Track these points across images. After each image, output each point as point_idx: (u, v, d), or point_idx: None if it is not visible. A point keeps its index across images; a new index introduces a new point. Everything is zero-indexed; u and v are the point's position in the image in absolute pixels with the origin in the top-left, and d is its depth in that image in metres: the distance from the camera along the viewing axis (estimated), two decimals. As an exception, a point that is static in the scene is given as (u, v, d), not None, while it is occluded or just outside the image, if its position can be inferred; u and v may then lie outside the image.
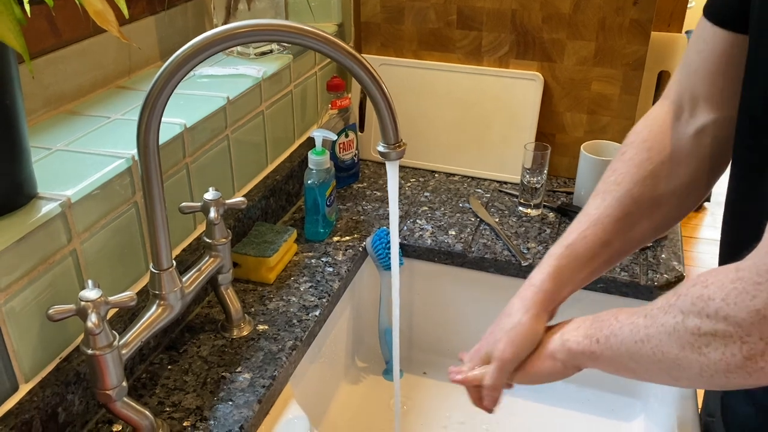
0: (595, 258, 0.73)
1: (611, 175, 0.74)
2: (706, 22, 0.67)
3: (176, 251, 0.92)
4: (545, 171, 1.15)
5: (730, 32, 0.65)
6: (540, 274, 0.73)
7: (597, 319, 0.64)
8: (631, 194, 0.72)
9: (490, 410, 0.76)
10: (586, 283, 0.74)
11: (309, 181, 1.06)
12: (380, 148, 0.69)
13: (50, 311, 0.62)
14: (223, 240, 0.85)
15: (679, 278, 1.02)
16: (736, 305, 0.47)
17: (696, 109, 0.71)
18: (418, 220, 1.16)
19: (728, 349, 0.48)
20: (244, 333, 0.89)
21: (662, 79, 1.27)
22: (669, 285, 1.00)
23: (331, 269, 1.03)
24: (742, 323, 0.47)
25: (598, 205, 0.73)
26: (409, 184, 1.29)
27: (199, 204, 0.84)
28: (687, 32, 3.49)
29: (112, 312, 0.78)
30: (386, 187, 0.90)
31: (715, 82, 0.68)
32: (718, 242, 0.71)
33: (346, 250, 1.08)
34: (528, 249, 1.08)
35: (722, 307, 0.48)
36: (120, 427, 0.75)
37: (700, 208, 3.19)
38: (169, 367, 0.84)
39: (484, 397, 0.75)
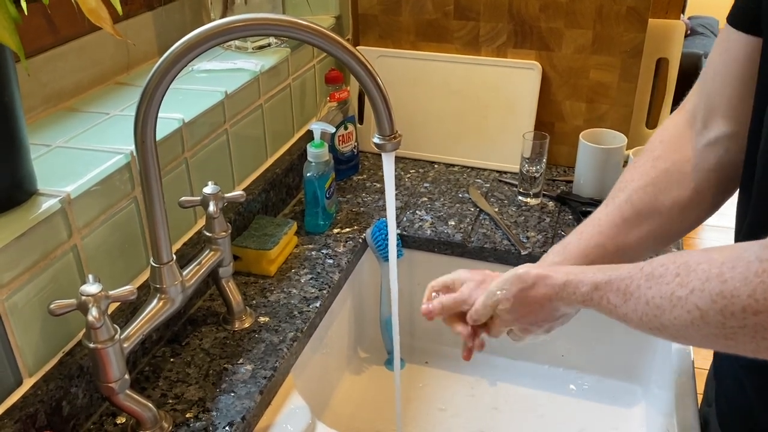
0: (587, 257, 0.74)
1: (620, 182, 0.76)
2: (728, 27, 0.67)
3: (177, 245, 0.92)
4: (544, 160, 1.16)
5: (750, 36, 0.65)
6: (534, 268, 0.74)
7: (592, 300, 0.63)
8: (630, 200, 0.73)
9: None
10: None
11: (308, 174, 1.07)
12: (375, 140, 0.69)
13: (52, 306, 0.63)
14: (223, 233, 0.86)
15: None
16: (767, 300, 0.45)
17: (710, 120, 0.71)
18: (417, 211, 1.17)
19: (759, 334, 0.47)
20: (246, 325, 0.90)
21: (660, 66, 1.26)
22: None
23: (331, 261, 1.04)
24: None
25: (602, 209, 0.75)
26: (408, 175, 1.29)
27: (199, 198, 0.85)
28: (690, 18, 3.45)
29: (113, 306, 0.79)
30: (385, 178, 0.91)
31: (734, 89, 0.67)
32: (723, 228, 0.70)
33: (346, 241, 1.08)
34: (527, 238, 1.09)
35: (751, 304, 0.46)
36: (124, 420, 0.76)
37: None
38: (172, 359, 0.85)
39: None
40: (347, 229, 1.12)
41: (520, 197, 1.19)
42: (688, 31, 3.20)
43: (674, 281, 0.53)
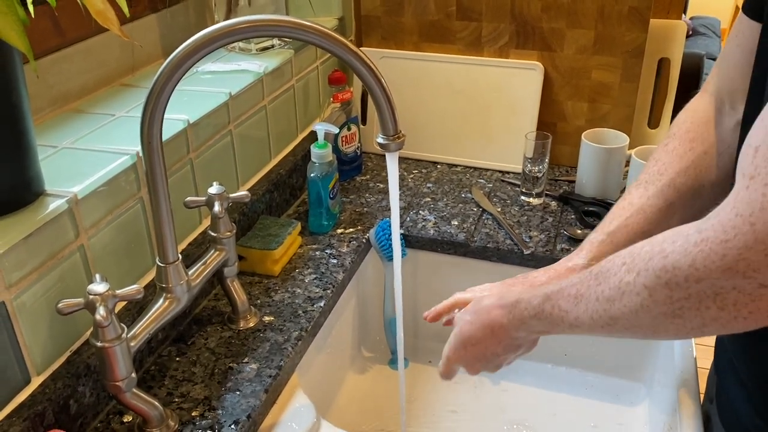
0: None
1: (654, 165, 0.76)
2: (743, 16, 0.68)
3: (182, 245, 0.93)
4: (547, 160, 1.16)
5: (759, 23, 0.66)
6: (578, 258, 0.75)
7: (541, 316, 0.64)
8: (673, 184, 0.73)
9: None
10: None
11: (312, 175, 1.07)
12: (379, 140, 0.70)
13: (59, 305, 0.64)
14: (228, 233, 0.87)
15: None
16: (706, 267, 0.46)
17: (736, 102, 0.72)
18: (421, 211, 1.18)
19: (703, 304, 0.48)
20: (251, 324, 0.91)
21: (662, 66, 1.27)
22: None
23: (335, 261, 1.04)
24: (716, 282, 0.46)
25: (641, 194, 0.75)
26: (411, 175, 1.30)
27: (204, 198, 0.85)
28: (691, 18, 3.44)
29: (120, 305, 0.80)
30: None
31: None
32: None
33: (349, 241, 1.09)
34: (530, 238, 1.09)
35: (692, 273, 0.47)
36: (130, 418, 0.76)
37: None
38: (178, 359, 0.85)
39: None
40: (351, 230, 1.12)
41: (522, 197, 1.20)
42: (690, 32, 3.20)
43: (621, 270, 0.54)
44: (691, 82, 2.52)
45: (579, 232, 1.09)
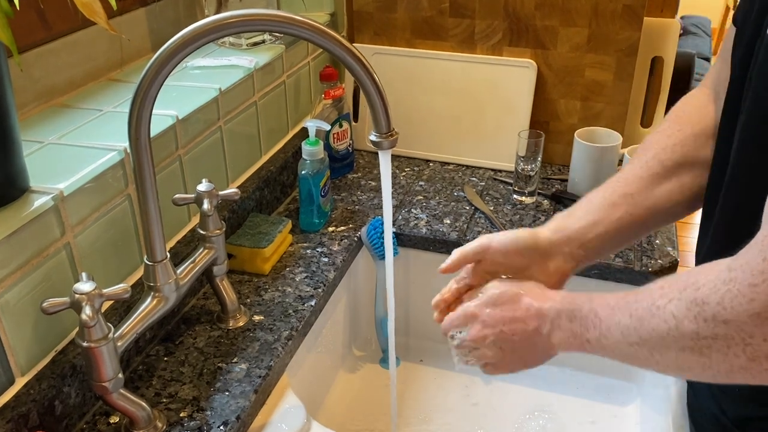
0: (615, 206, 0.73)
1: (644, 144, 0.77)
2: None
3: (171, 243, 0.92)
4: (539, 158, 1.16)
5: None
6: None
7: (577, 315, 0.62)
8: (657, 157, 0.74)
9: None
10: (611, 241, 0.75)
11: (303, 172, 1.06)
12: (372, 138, 0.69)
13: (44, 304, 0.63)
14: (217, 231, 0.85)
15: (674, 263, 1.03)
16: (734, 309, 0.45)
17: None
18: (413, 210, 1.17)
19: (731, 350, 0.47)
20: (240, 324, 0.89)
21: (655, 64, 1.26)
22: (663, 271, 1.01)
23: (326, 259, 1.03)
24: (743, 326, 0.45)
25: (626, 168, 0.77)
26: (404, 173, 1.29)
27: (193, 196, 0.84)
28: (682, 17, 3.44)
29: (107, 305, 0.78)
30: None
31: None
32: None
33: (341, 240, 1.08)
34: (523, 236, 1.08)
35: (719, 311, 0.46)
36: (117, 419, 0.75)
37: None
38: (166, 358, 0.84)
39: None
40: (342, 228, 1.11)
41: (515, 196, 1.19)
42: (681, 31, 3.21)
43: (657, 293, 0.54)
44: (682, 81, 2.52)
45: (572, 231, 1.08)
